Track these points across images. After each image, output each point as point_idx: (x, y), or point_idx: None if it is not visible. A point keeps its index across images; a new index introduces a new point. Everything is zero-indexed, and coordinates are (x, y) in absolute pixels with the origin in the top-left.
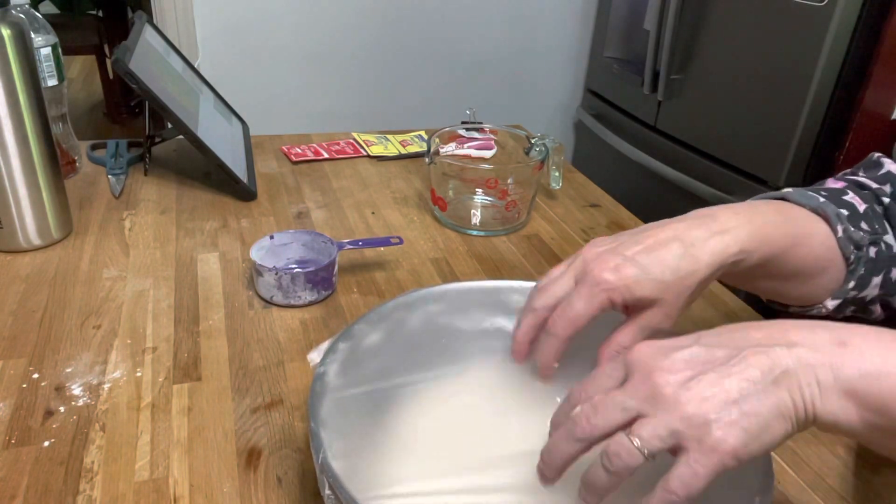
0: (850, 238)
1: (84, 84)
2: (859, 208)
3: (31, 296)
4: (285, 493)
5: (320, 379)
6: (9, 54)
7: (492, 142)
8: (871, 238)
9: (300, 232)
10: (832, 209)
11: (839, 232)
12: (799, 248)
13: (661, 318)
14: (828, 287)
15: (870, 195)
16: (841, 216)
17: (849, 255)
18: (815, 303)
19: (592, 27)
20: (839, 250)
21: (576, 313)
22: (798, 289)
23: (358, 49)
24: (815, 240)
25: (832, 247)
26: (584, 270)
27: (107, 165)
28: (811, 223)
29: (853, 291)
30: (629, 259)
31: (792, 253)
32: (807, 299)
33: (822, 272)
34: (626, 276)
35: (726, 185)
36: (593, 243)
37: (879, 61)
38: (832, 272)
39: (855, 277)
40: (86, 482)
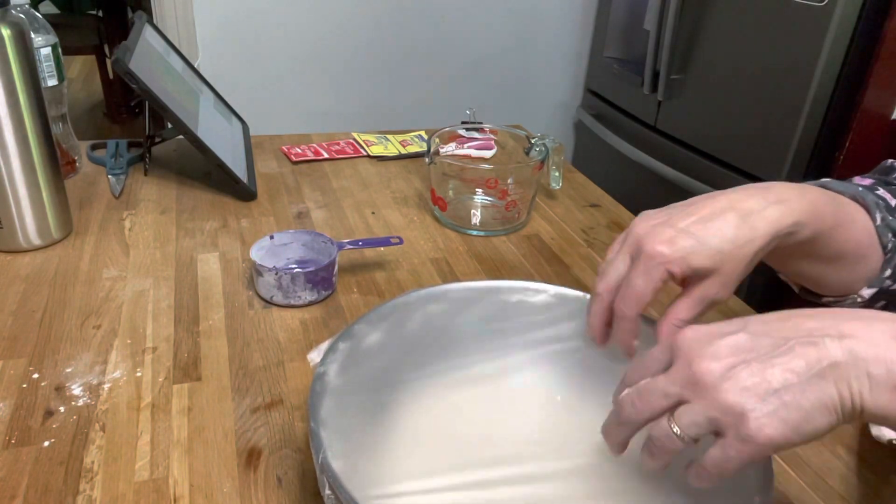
0: (888, 226)
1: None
2: (891, 203)
3: (31, 296)
4: (285, 493)
5: (320, 379)
6: (9, 54)
7: (492, 142)
8: None
9: (300, 232)
10: (871, 198)
11: (878, 220)
12: (844, 230)
13: (718, 289)
14: (864, 275)
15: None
16: (879, 205)
17: (887, 242)
18: (850, 292)
19: (592, 27)
20: (877, 238)
21: (638, 292)
22: (838, 273)
23: (358, 49)
24: (858, 225)
25: (871, 234)
26: (638, 246)
27: (107, 165)
28: (853, 209)
29: (888, 281)
30: (683, 230)
31: (838, 234)
32: (843, 287)
33: (862, 259)
34: (683, 248)
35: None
36: (643, 217)
37: (879, 61)
38: (870, 260)
39: (891, 265)
40: (86, 482)
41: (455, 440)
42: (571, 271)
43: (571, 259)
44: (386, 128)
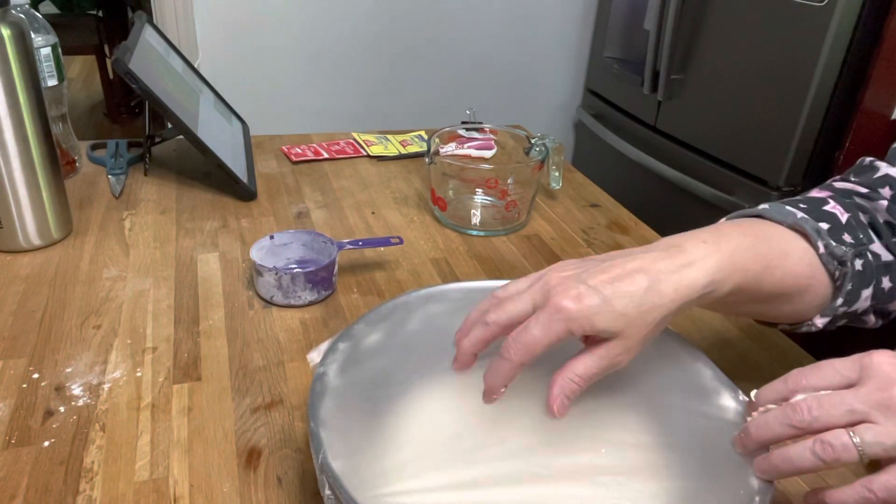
0: (832, 254)
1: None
2: (841, 218)
3: (31, 296)
4: (285, 493)
5: (320, 379)
6: (9, 54)
7: (492, 142)
8: (856, 250)
9: (300, 232)
10: (811, 225)
11: (820, 248)
12: (774, 270)
13: (621, 352)
14: (814, 304)
15: (852, 204)
16: (821, 231)
17: (833, 271)
18: (801, 320)
19: (592, 27)
20: (821, 267)
21: (532, 339)
22: (780, 309)
23: (358, 49)
24: (793, 258)
25: (813, 263)
26: (545, 295)
27: (107, 165)
28: (787, 241)
29: (843, 307)
30: (592, 288)
31: (766, 276)
32: (793, 317)
33: (805, 290)
34: (588, 307)
35: (726, 185)
36: (558, 267)
37: (879, 61)
38: (817, 288)
39: (843, 294)
40: (86, 482)
41: (455, 440)
42: None
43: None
44: (386, 128)
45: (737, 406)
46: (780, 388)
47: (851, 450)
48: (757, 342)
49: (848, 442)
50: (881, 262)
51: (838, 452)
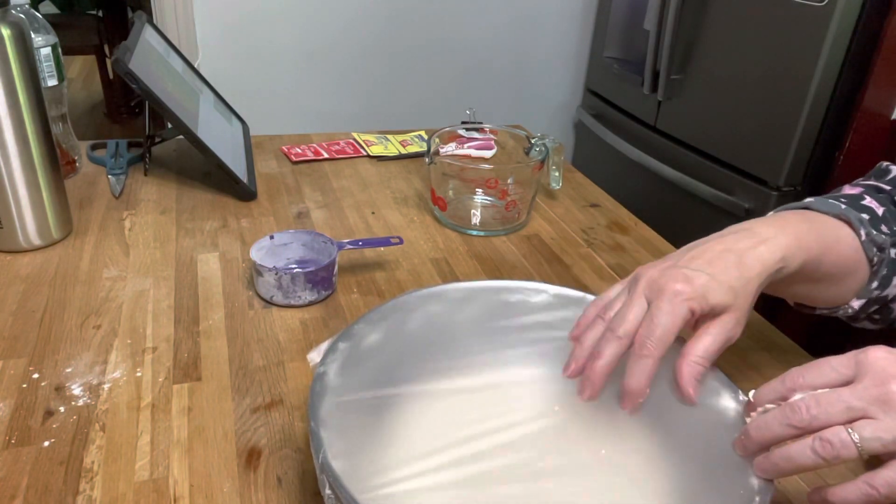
0: (872, 241)
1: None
2: (878, 212)
3: (31, 296)
4: (285, 493)
5: (320, 379)
6: (9, 54)
7: (492, 142)
8: (892, 240)
9: (300, 232)
10: (854, 214)
11: (862, 236)
12: (829, 253)
13: (734, 325)
14: (853, 288)
15: (886, 198)
16: (863, 220)
17: (872, 256)
18: (842, 303)
19: (592, 27)
20: (863, 253)
21: (664, 330)
22: (828, 291)
23: (358, 49)
24: (843, 244)
25: (857, 250)
26: (655, 288)
27: (107, 165)
28: (836, 229)
29: (876, 291)
30: (695, 270)
31: (824, 258)
32: (835, 300)
33: (850, 274)
34: (700, 285)
35: (726, 185)
36: (647, 266)
37: (879, 61)
38: (858, 274)
39: (878, 278)
40: (86, 482)
41: (455, 440)
42: (571, 271)
43: (571, 259)
44: (386, 128)
45: (737, 406)
46: (778, 387)
47: (850, 446)
48: (757, 342)
49: (847, 439)
50: None
51: (837, 449)
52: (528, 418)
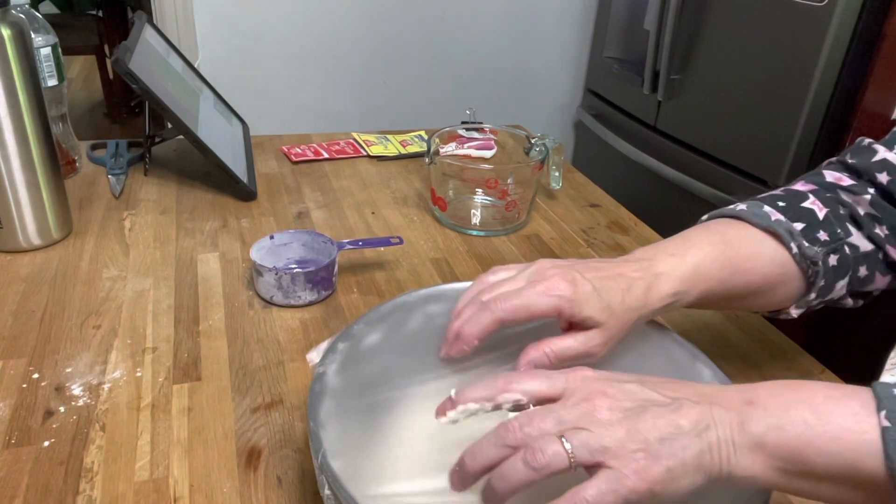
0: (804, 255)
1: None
2: (819, 215)
3: (31, 296)
4: (285, 493)
5: (320, 379)
6: (9, 54)
7: (492, 142)
8: (831, 247)
9: (300, 232)
10: (784, 227)
11: (793, 249)
12: (742, 274)
13: (599, 343)
14: (788, 296)
15: (833, 199)
16: (794, 233)
17: (806, 269)
18: (778, 309)
19: (592, 27)
20: (794, 265)
21: (522, 302)
22: (753, 303)
23: (358, 49)
24: (762, 260)
25: (785, 262)
26: (540, 276)
27: (107, 165)
28: (758, 243)
29: (816, 301)
30: (585, 279)
31: (734, 279)
32: (768, 308)
33: (777, 286)
34: (581, 292)
35: (726, 185)
36: (546, 260)
37: (879, 61)
38: (790, 284)
39: (816, 289)
40: (86, 482)
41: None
42: None
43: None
44: (386, 128)
45: None
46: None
47: (562, 455)
48: (757, 342)
49: (559, 448)
50: (859, 252)
51: (549, 457)
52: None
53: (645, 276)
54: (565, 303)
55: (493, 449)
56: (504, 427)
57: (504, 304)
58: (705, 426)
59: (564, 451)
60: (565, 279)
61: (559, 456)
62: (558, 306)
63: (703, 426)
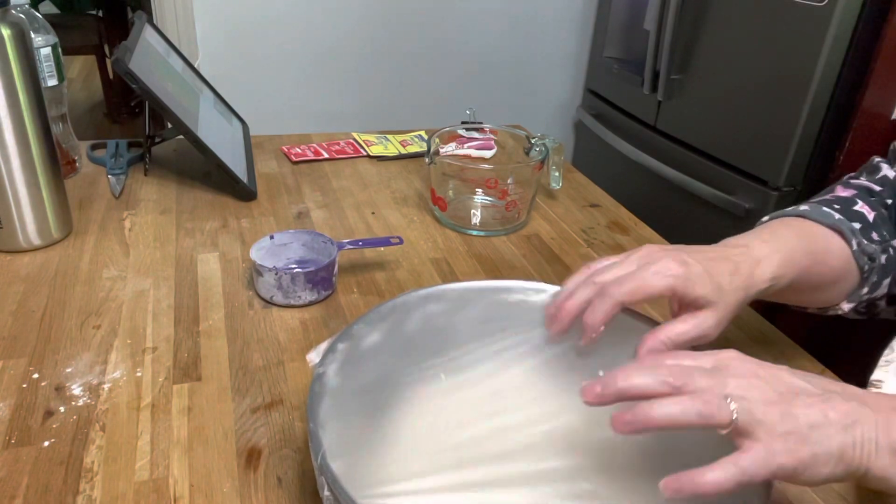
0: (863, 251)
1: (84, 84)
2: (869, 217)
3: (31, 296)
4: (285, 493)
5: (319, 379)
6: (9, 54)
7: (492, 142)
8: (882, 246)
9: (300, 232)
10: (847, 225)
11: (854, 246)
12: (820, 265)
13: (712, 323)
14: (843, 291)
15: (877, 202)
16: (854, 231)
17: (863, 265)
18: (831, 305)
19: (592, 27)
20: (854, 262)
21: (638, 284)
22: (818, 297)
23: (358, 49)
24: (833, 255)
25: (847, 258)
26: (650, 258)
27: (107, 165)
28: (828, 240)
29: (866, 295)
30: (695, 260)
31: (814, 270)
32: (824, 304)
33: (839, 281)
34: (691, 272)
35: (726, 185)
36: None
37: (879, 61)
38: (848, 279)
39: (868, 284)
40: (86, 482)
41: (454, 440)
42: (571, 271)
43: (571, 259)
44: (386, 128)
45: None
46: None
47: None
48: (757, 342)
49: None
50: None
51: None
52: (527, 420)
53: (747, 258)
54: (679, 282)
55: (653, 381)
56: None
57: (621, 288)
58: (853, 421)
59: (729, 410)
60: (676, 260)
61: (724, 412)
62: (673, 286)
63: (850, 421)
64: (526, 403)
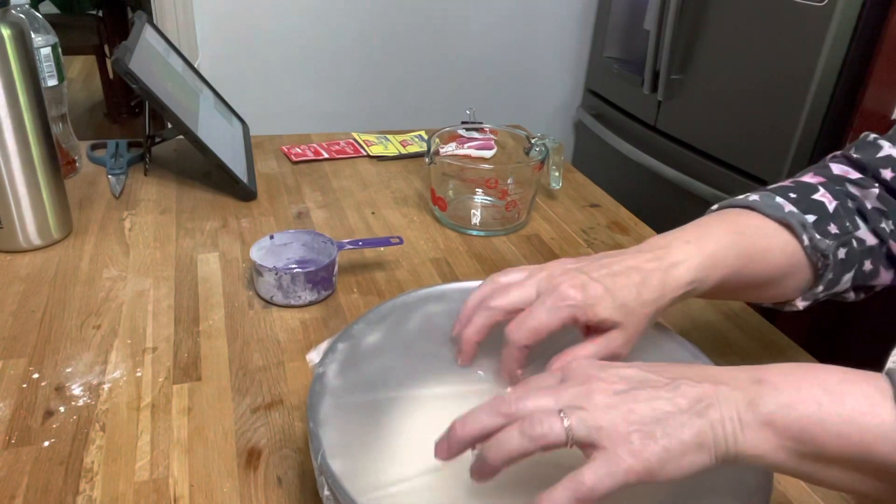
0: (815, 248)
1: (84, 84)
2: (829, 207)
3: (31, 296)
4: (285, 493)
5: (319, 379)
6: (9, 54)
7: (492, 142)
8: (840, 241)
9: (300, 232)
10: (797, 219)
11: (805, 241)
12: (755, 263)
13: (621, 343)
14: (796, 287)
15: (842, 192)
16: (806, 225)
17: (816, 261)
18: (784, 301)
19: (592, 27)
20: (804, 257)
21: (537, 324)
22: (762, 294)
23: (358, 49)
24: (775, 252)
25: (796, 254)
26: (550, 284)
27: (107, 165)
28: (771, 236)
29: (822, 293)
30: (595, 280)
31: (748, 269)
32: (776, 299)
33: (787, 277)
34: (593, 296)
35: (726, 185)
36: (557, 262)
37: (879, 61)
38: (799, 275)
39: (823, 282)
40: (86, 482)
41: None
42: None
43: None
44: (386, 128)
45: None
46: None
47: (559, 429)
48: (757, 342)
49: (557, 422)
50: (865, 246)
51: (546, 429)
52: None
53: (660, 265)
54: (577, 311)
55: (487, 417)
56: (500, 399)
57: (520, 333)
58: (707, 405)
59: (562, 425)
60: (574, 286)
61: (556, 429)
62: (572, 315)
63: (704, 405)
64: None
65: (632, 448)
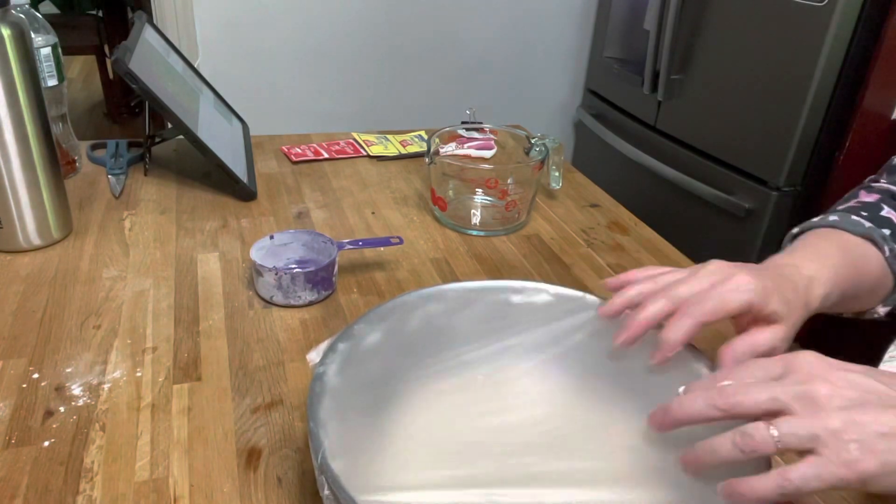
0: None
1: (84, 84)
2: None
3: (31, 296)
4: (285, 493)
5: (319, 379)
6: (9, 54)
7: (492, 142)
8: None
9: (300, 232)
10: (878, 233)
11: (886, 252)
12: (862, 276)
13: (782, 338)
14: (879, 296)
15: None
16: (885, 237)
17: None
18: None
19: (592, 27)
20: (888, 267)
21: (718, 302)
22: (857, 305)
23: (358, 49)
24: (871, 264)
25: (881, 266)
26: (723, 273)
27: (107, 165)
28: (863, 249)
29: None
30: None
31: (857, 282)
32: (861, 309)
33: (877, 288)
34: (767, 287)
35: (726, 185)
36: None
37: (879, 61)
38: (884, 285)
39: None
40: (86, 482)
41: (454, 440)
42: (571, 271)
43: (571, 259)
44: (386, 128)
45: None
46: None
47: (769, 441)
48: None
49: (766, 435)
50: None
51: (757, 443)
52: (527, 420)
53: (801, 278)
54: (757, 297)
55: (703, 406)
56: (718, 390)
57: (703, 308)
58: None
59: (770, 437)
60: (751, 274)
61: (766, 442)
62: (751, 301)
63: None
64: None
65: (848, 457)
